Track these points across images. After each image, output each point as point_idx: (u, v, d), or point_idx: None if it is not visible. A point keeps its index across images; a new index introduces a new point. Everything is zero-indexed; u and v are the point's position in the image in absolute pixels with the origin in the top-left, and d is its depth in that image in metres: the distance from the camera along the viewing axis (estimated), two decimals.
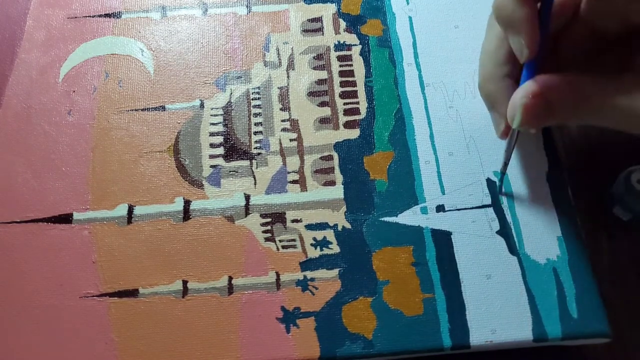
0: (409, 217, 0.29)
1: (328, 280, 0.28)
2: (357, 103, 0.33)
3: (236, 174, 0.31)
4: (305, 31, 0.36)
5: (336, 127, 0.32)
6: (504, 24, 0.26)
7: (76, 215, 0.30)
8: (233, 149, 0.32)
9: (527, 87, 0.26)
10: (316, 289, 0.28)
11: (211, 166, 0.31)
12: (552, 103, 0.25)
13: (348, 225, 0.29)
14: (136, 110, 0.33)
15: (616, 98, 0.25)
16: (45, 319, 0.27)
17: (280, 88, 0.34)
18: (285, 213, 0.30)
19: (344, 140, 0.32)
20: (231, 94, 0.34)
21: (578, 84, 0.25)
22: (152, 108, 0.33)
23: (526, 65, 0.26)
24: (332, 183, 0.31)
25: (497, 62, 0.28)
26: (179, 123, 0.33)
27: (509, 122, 0.27)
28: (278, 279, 0.28)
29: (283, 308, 0.27)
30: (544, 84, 0.25)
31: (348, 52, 0.35)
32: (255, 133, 0.32)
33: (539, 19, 0.25)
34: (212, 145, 0.32)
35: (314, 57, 0.35)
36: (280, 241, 0.29)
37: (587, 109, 0.25)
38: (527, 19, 0.25)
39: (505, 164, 0.29)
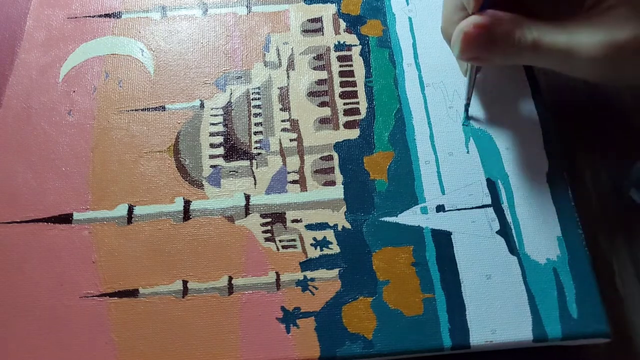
0: (409, 217, 0.29)
1: (328, 280, 0.28)
2: (357, 103, 0.33)
3: (236, 174, 0.31)
4: (305, 31, 0.36)
5: (336, 127, 0.32)
6: None
7: (76, 215, 0.30)
8: (233, 149, 0.32)
9: (471, 18, 0.27)
10: (316, 289, 0.28)
11: (211, 166, 0.31)
12: (492, 35, 0.27)
13: (348, 225, 0.29)
14: (136, 110, 0.33)
15: (556, 37, 0.26)
16: (45, 319, 0.27)
17: (280, 88, 0.34)
18: (285, 213, 0.30)
19: (344, 140, 0.32)
20: (231, 94, 0.34)
21: (520, 20, 0.27)
22: (152, 108, 0.33)
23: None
24: (332, 183, 0.31)
25: (457, 6, 0.29)
26: (179, 123, 0.33)
27: (452, 51, 0.28)
28: (278, 279, 0.28)
29: (283, 308, 0.27)
30: (489, 16, 0.27)
31: (348, 53, 0.35)
32: (255, 133, 0.32)
33: None
34: (212, 145, 0.32)
35: (314, 57, 0.35)
36: (280, 241, 0.29)
37: (526, 45, 0.26)
38: None
39: (468, 99, 0.32)
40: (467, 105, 0.32)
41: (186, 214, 0.30)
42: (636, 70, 0.26)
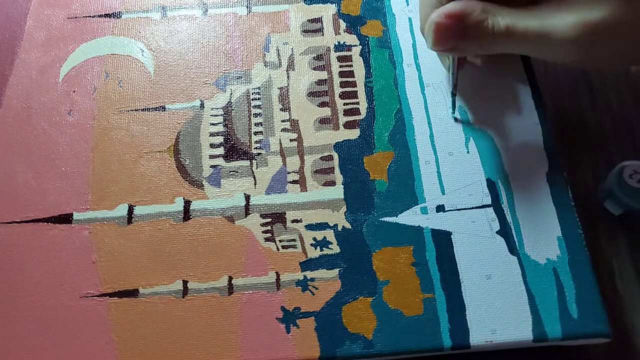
0: (409, 217, 0.29)
1: (328, 280, 0.28)
2: (357, 103, 0.33)
3: (236, 174, 0.31)
4: (305, 32, 0.36)
5: (336, 128, 0.32)
6: None
7: (76, 215, 0.30)
8: (233, 149, 0.32)
9: (442, 9, 0.27)
10: (316, 289, 0.28)
11: (211, 166, 0.31)
12: (464, 24, 0.27)
13: (348, 225, 0.29)
14: (136, 110, 0.33)
15: (528, 21, 0.26)
16: (45, 319, 0.27)
17: (281, 88, 0.34)
18: (285, 213, 0.30)
19: (344, 140, 0.32)
20: (231, 94, 0.34)
21: (492, 7, 0.27)
22: (152, 108, 0.33)
23: None
24: (332, 183, 0.31)
25: (433, 3, 0.29)
26: (179, 123, 0.33)
27: (426, 42, 0.28)
28: (278, 279, 0.28)
29: (283, 308, 0.27)
30: (459, 5, 0.27)
31: (348, 53, 0.35)
32: (256, 133, 0.32)
33: None
34: (212, 146, 0.32)
35: (314, 58, 0.35)
36: (280, 241, 0.29)
37: (500, 32, 0.26)
38: None
39: (453, 91, 0.31)
40: (453, 95, 0.32)
41: (186, 214, 0.30)
42: (609, 51, 0.27)
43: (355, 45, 0.35)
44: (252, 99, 0.34)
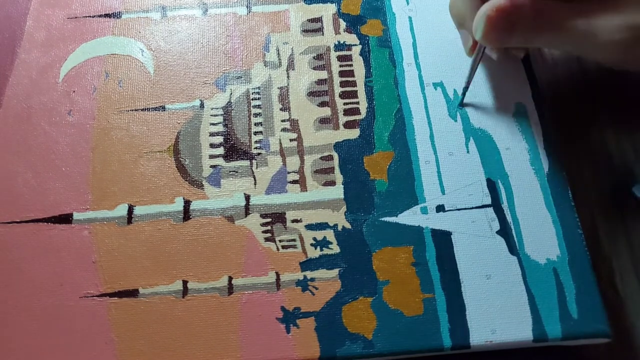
0: (409, 217, 0.29)
1: (328, 280, 0.28)
2: (357, 103, 0.33)
3: (236, 174, 0.31)
4: (305, 31, 0.36)
5: (336, 127, 0.32)
6: None
7: (76, 215, 0.30)
8: (233, 149, 0.32)
9: (493, 2, 0.27)
10: (316, 289, 0.28)
11: (211, 166, 0.31)
12: (515, 18, 0.27)
13: (348, 225, 0.29)
14: (136, 110, 0.33)
15: (575, 20, 0.26)
16: (45, 319, 0.27)
17: (280, 88, 0.34)
18: (285, 213, 0.30)
19: (344, 140, 0.32)
20: (231, 94, 0.34)
21: (539, 2, 0.27)
22: (152, 108, 0.33)
23: None
24: (332, 183, 0.31)
25: None
26: (179, 123, 0.33)
27: (473, 34, 0.28)
28: (278, 279, 0.28)
29: (283, 308, 0.27)
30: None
31: (348, 52, 0.35)
32: (255, 133, 0.32)
33: None
34: (212, 146, 0.32)
35: (314, 57, 0.35)
36: (280, 241, 0.29)
37: (547, 29, 0.27)
38: None
39: (469, 81, 0.31)
40: (465, 89, 0.31)
41: (186, 214, 0.30)
42: None
43: (355, 45, 0.35)
44: (252, 99, 0.34)
